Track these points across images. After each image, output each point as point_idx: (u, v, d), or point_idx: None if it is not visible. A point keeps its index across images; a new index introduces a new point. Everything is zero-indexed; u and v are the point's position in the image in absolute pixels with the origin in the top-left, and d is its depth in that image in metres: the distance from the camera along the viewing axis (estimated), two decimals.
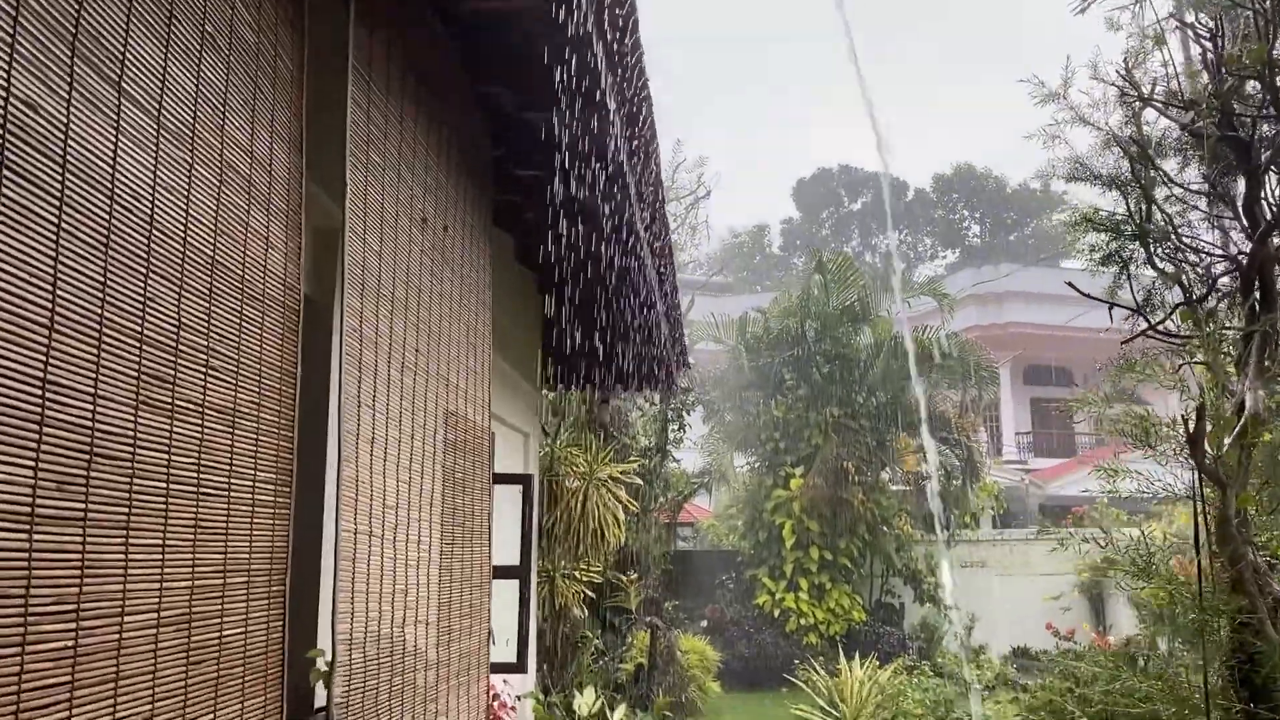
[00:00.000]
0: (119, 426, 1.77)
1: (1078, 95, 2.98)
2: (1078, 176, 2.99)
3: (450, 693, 3.82)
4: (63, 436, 1.61)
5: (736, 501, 17.65)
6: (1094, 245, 3.01)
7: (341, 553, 2.69)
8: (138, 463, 1.83)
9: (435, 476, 3.68)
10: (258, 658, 2.34)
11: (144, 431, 1.84)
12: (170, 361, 1.94)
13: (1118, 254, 2.89)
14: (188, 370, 2.00)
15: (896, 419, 15.78)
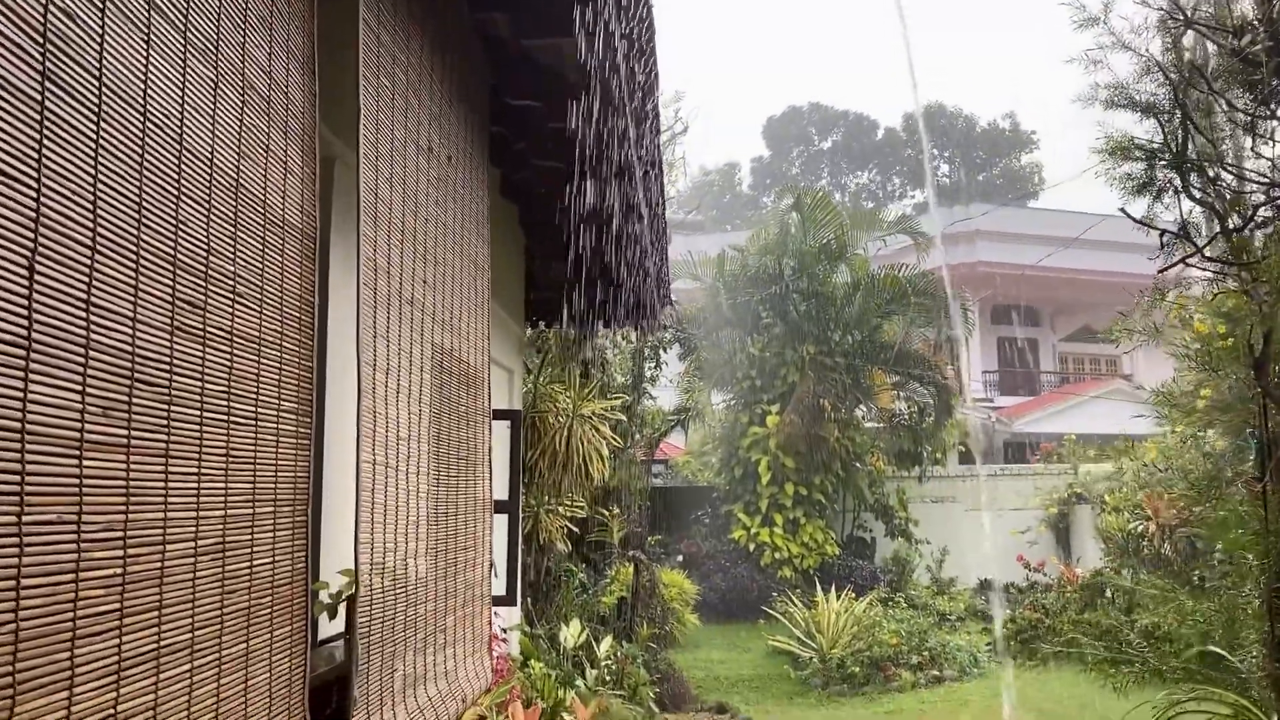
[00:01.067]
0: (156, 352, 1.73)
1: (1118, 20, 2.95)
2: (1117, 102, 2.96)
3: (458, 623, 3.84)
4: (107, 361, 1.57)
5: (712, 438, 17.78)
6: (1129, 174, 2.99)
7: (362, 484, 2.68)
8: (174, 390, 1.79)
9: (441, 409, 3.67)
10: (284, 587, 2.33)
11: (179, 358, 1.81)
12: (201, 287, 1.90)
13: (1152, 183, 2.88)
14: (217, 296, 1.96)
15: (872, 356, 15.90)
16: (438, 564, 3.56)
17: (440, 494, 3.63)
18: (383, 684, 2.89)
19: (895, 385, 16.62)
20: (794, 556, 15.11)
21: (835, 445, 15.54)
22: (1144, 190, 2.96)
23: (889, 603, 13.15)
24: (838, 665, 10.57)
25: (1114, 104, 2.98)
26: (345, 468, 3.19)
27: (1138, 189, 2.94)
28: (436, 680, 3.53)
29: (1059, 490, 16.27)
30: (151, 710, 1.74)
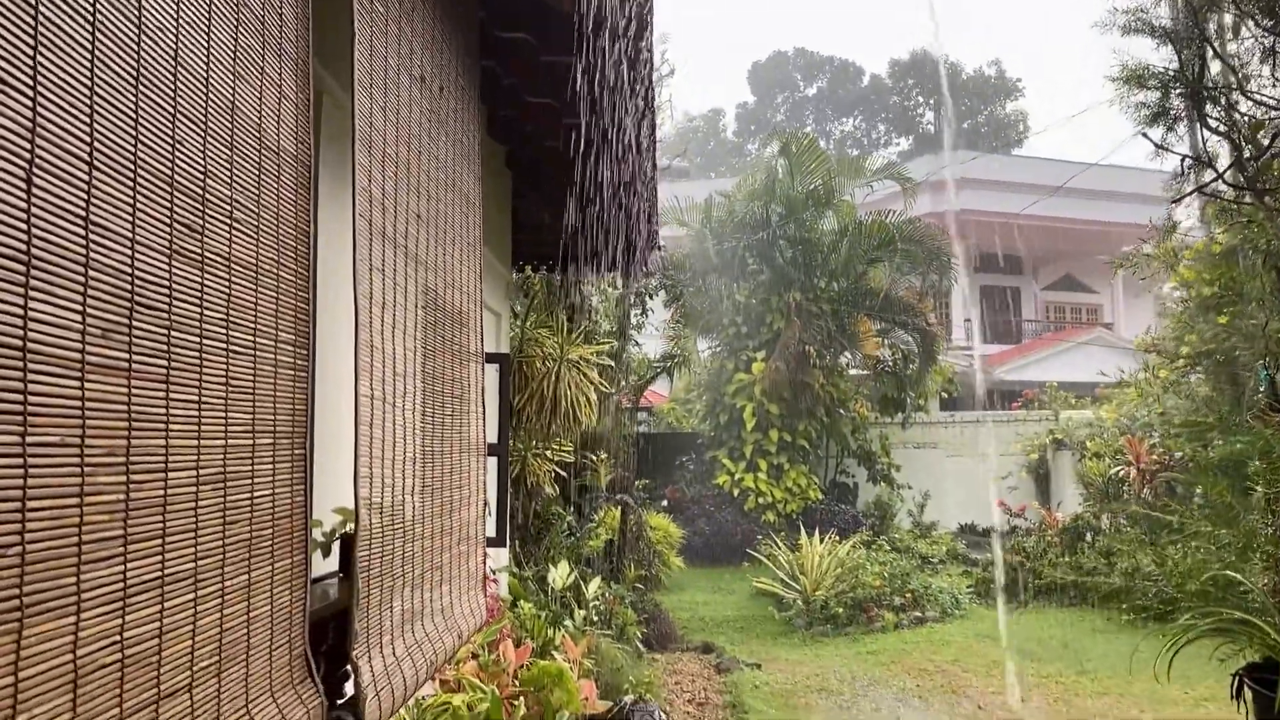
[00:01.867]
0: (155, 275, 1.69)
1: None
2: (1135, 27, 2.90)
3: (453, 561, 3.84)
4: (107, 282, 1.53)
5: (698, 385, 17.81)
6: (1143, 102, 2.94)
7: (361, 417, 2.65)
8: (174, 314, 1.75)
9: (434, 348, 3.63)
10: (284, 520, 2.31)
11: (178, 282, 1.77)
12: (198, 211, 1.85)
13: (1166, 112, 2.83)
14: (214, 221, 1.91)
15: (858, 303, 15.89)
16: (433, 502, 3.55)
17: (434, 432, 3.61)
18: (381, 618, 2.89)
19: (880, 332, 16.64)
20: (778, 501, 15.23)
21: (820, 392, 15.60)
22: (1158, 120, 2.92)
23: (871, 546, 13.30)
24: (821, 606, 10.70)
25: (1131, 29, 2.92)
26: (335, 407, 3.16)
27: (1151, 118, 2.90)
28: (433, 616, 3.54)
29: (1040, 436, 16.43)
30: (156, 638, 1.72)
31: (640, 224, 7.30)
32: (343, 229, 2.81)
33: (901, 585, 11.26)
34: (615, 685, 6.28)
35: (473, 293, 4.27)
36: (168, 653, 1.76)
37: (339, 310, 3.26)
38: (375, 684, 2.72)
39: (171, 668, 1.78)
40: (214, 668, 1.95)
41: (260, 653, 2.18)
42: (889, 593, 11.04)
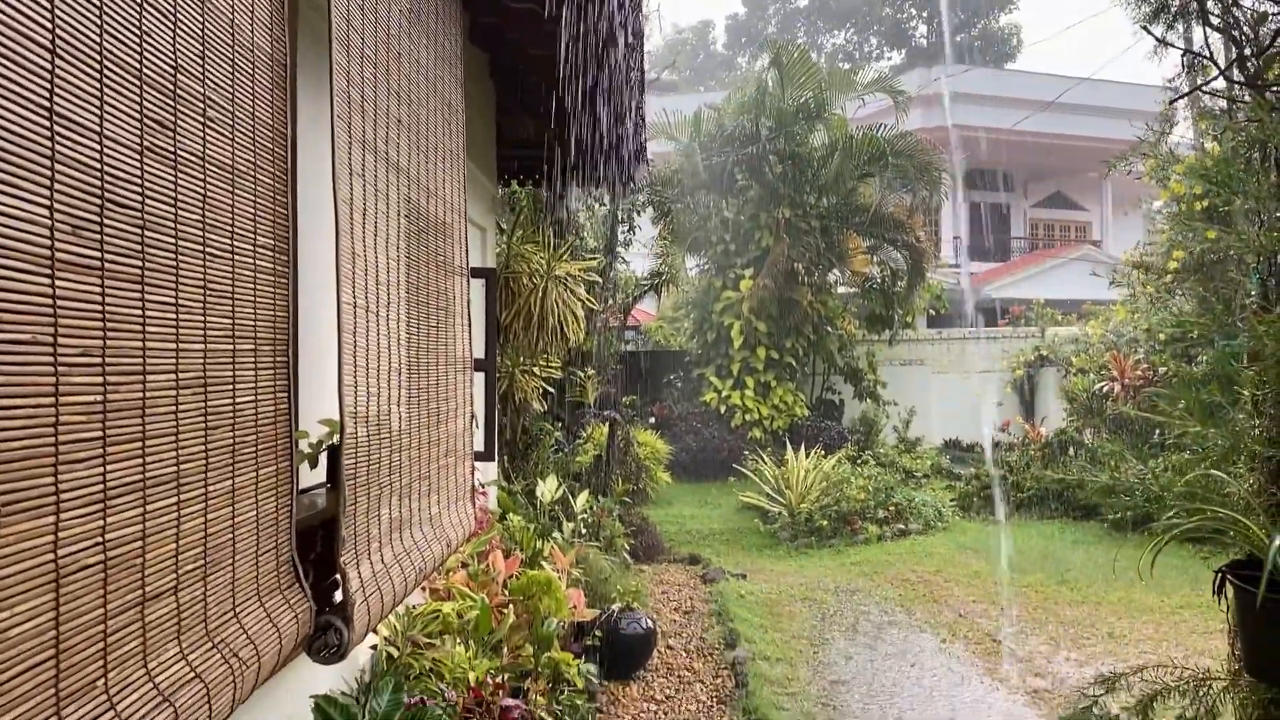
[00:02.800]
0: (126, 172, 1.64)
1: None
2: None
3: (441, 472, 3.86)
4: (74, 177, 1.48)
5: (686, 303, 17.77)
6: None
7: (344, 325, 2.62)
8: (147, 213, 1.71)
9: (417, 258, 3.58)
10: (268, 427, 2.30)
11: (150, 180, 1.72)
12: (170, 106, 1.79)
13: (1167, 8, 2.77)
14: (186, 117, 1.85)
15: (847, 219, 15.78)
16: (419, 413, 3.54)
17: (419, 344, 3.58)
18: (369, 526, 2.90)
19: (869, 249, 16.56)
20: (764, 418, 15.33)
21: (808, 309, 15.59)
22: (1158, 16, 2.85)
23: (857, 461, 13.45)
24: (806, 519, 10.86)
25: None
26: (319, 317, 3.12)
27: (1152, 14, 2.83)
28: (421, 525, 3.56)
29: (1026, 353, 16.51)
30: (140, 540, 1.72)
31: (628, 137, 7.18)
32: (322, 136, 2.74)
33: (885, 499, 11.41)
34: (603, 594, 6.39)
35: (456, 203, 4.20)
36: (151, 556, 1.76)
37: (320, 218, 3.20)
38: (364, 589, 2.74)
39: (156, 571, 1.78)
40: (199, 572, 1.95)
41: (246, 558, 2.19)
42: (873, 506, 11.20)
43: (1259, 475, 2.04)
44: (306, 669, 3.54)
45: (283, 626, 2.30)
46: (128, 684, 1.67)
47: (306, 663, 3.55)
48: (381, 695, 3.74)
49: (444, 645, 4.58)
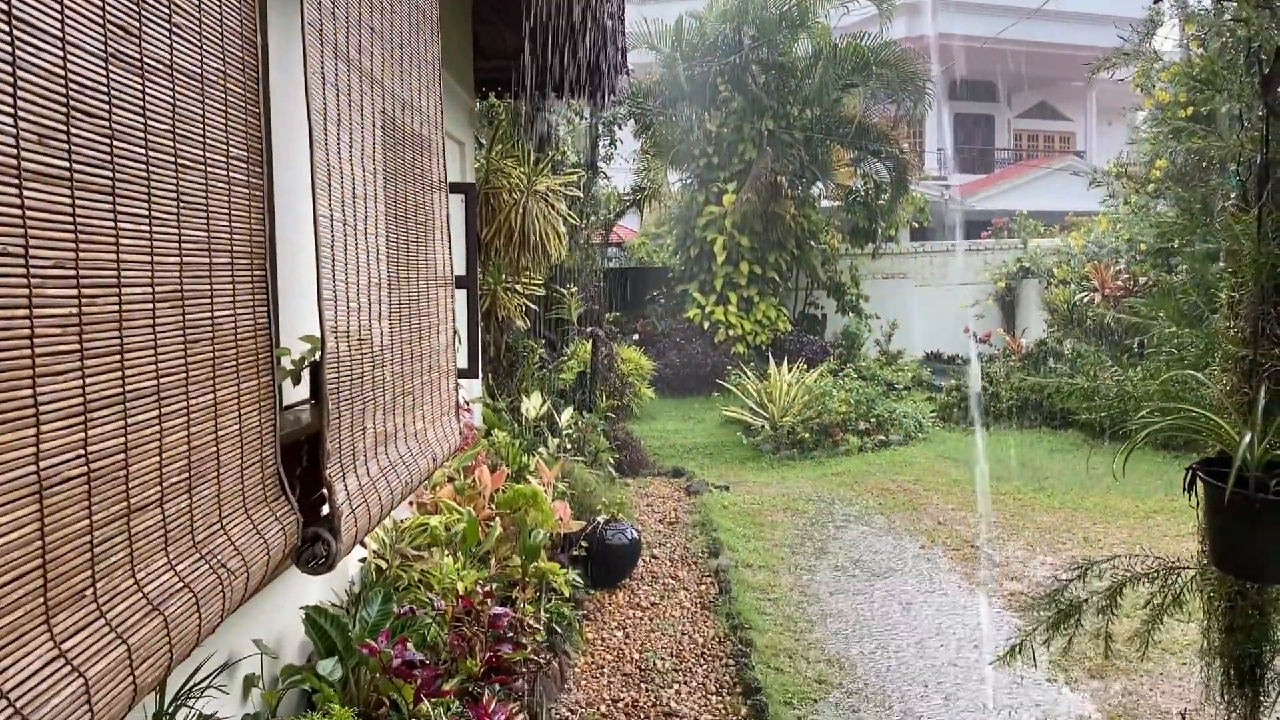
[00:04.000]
0: (92, 80, 1.60)
1: None
2: None
3: (424, 387, 3.87)
4: (37, 83, 1.45)
5: (668, 219, 17.64)
6: None
7: (321, 239, 2.59)
8: (115, 122, 1.67)
9: (395, 170, 3.53)
10: (248, 341, 2.30)
11: (117, 88, 1.68)
12: (134, 12, 1.74)
13: None
14: (152, 23, 1.81)
15: (831, 131, 15.60)
16: (401, 328, 3.54)
17: (399, 258, 3.56)
18: (354, 439, 2.92)
19: (853, 161, 16.42)
20: (747, 333, 15.37)
21: (791, 223, 15.51)
22: None
23: (839, 374, 13.55)
24: (788, 432, 10.98)
25: None
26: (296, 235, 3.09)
27: None
28: (406, 440, 3.58)
29: (1008, 265, 16.53)
30: (123, 453, 1.73)
31: (608, 45, 7.04)
32: (294, 46, 2.68)
33: (867, 411, 11.54)
34: (589, 506, 6.47)
35: (433, 115, 4.13)
36: (135, 468, 1.77)
37: (294, 131, 3.15)
38: (350, 502, 2.77)
39: (140, 483, 1.79)
40: (184, 485, 1.97)
41: (231, 471, 2.20)
42: (854, 418, 11.32)
43: (1232, 375, 2.07)
44: (297, 582, 3.61)
45: (270, 538, 2.33)
46: (117, 593, 1.70)
47: (296, 576, 3.61)
48: (371, 605, 3.81)
49: (432, 557, 4.65)
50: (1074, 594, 2.68)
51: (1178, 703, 4.65)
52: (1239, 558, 1.90)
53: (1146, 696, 4.74)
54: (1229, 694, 2.38)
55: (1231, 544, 1.89)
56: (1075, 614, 2.66)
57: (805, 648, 5.32)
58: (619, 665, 5.07)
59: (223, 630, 2.78)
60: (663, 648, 5.30)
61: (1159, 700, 4.69)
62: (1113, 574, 2.58)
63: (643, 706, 4.57)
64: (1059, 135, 34.26)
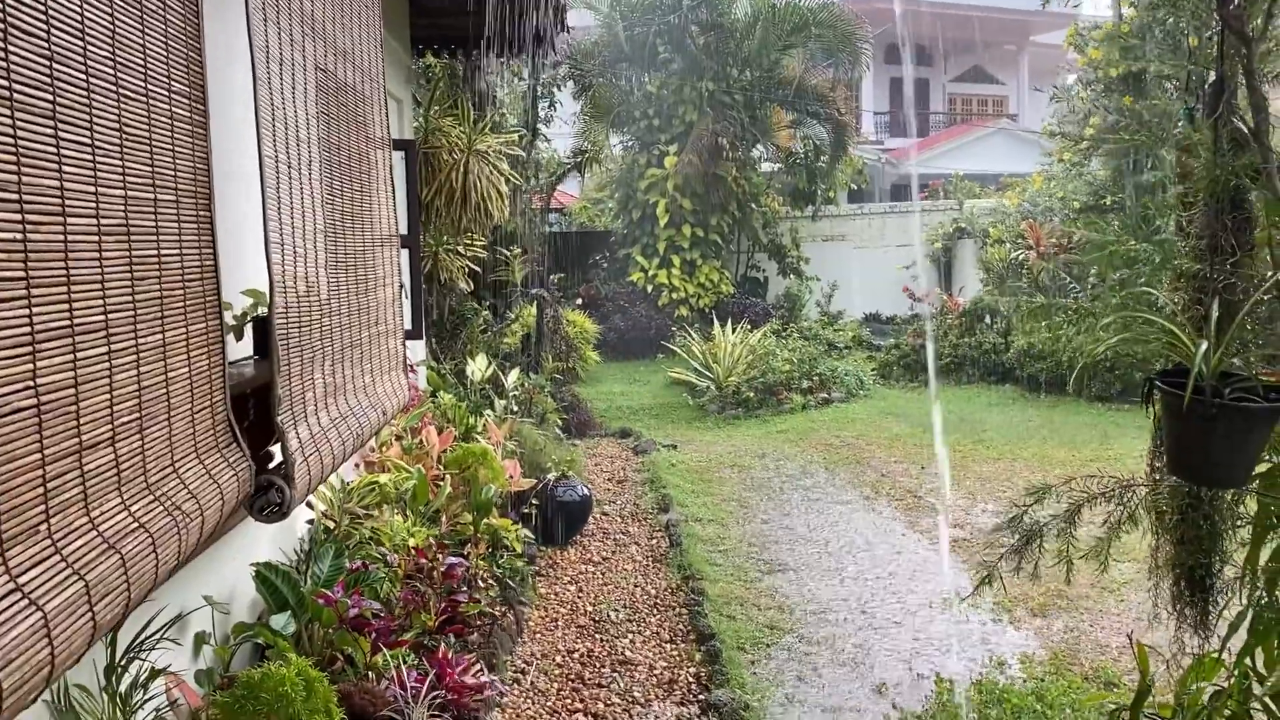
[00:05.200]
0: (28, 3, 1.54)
1: None
2: None
3: (372, 340, 3.82)
4: None
5: (610, 182, 17.56)
6: None
7: (267, 180, 2.54)
8: (54, 44, 1.62)
9: (338, 117, 3.47)
10: (195, 282, 2.25)
11: (55, 7, 1.62)
12: None
13: None
14: None
15: (771, 93, 15.62)
16: (347, 279, 3.48)
17: (343, 209, 3.50)
18: (304, 389, 2.88)
19: (792, 123, 16.48)
20: (690, 296, 15.43)
21: (732, 185, 15.54)
22: None
23: (782, 334, 13.67)
24: (733, 392, 11.07)
25: None
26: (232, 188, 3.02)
27: None
28: (355, 393, 3.54)
29: (945, 226, 16.77)
30: (73, 388, 1.69)
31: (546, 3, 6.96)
32: None
33: (810, 370, 11.67)
34: (538, 465, 6.47)
35: (373, 66, 4.06)
36: (86, 404, 1.73)
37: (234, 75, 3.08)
38: (303, 450, 2.73)
39: (91, 420, 1.75)
40: (135, 425, 1.93)
41: (182, 414, 2.16)
42: (798, 377, 11.45)
43: (1184, 294, 2.14)
44: (246, 538, 3.56)
45: (223, 483, 2.29)
46: (71, 529, 1.66)
47: (246, 532, 3.56)
48: (322, 561, 3.78)
49: (382, 516, 4.62)
50: (1034, 519, 2.77)
51: (1117, 637, 4.82)
52: (1196, 463, 1.97)
53: (1087, 632, 4.90)
54: (1180, 605, 2.48)
55: (1189, 450, 1.96)
56: (1037, 538, 2.75)
57: (756, 595, 5.41)
58: (573, 618, 5.11)
59: (173, 587, 2.75)
60: (616, 600, 5.34)
61: (1099, 635, 4.86)
62: (1070, 496, 2.67)
63: (598, 656, 4.61)
64: (992, 99, 34.75)
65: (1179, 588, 2.45)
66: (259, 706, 2.62)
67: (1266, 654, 2.38)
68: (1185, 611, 2.47)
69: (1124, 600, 5.27)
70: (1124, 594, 5.34)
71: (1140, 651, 2.57)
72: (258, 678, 2.66)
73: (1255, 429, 1.86)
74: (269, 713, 2.65)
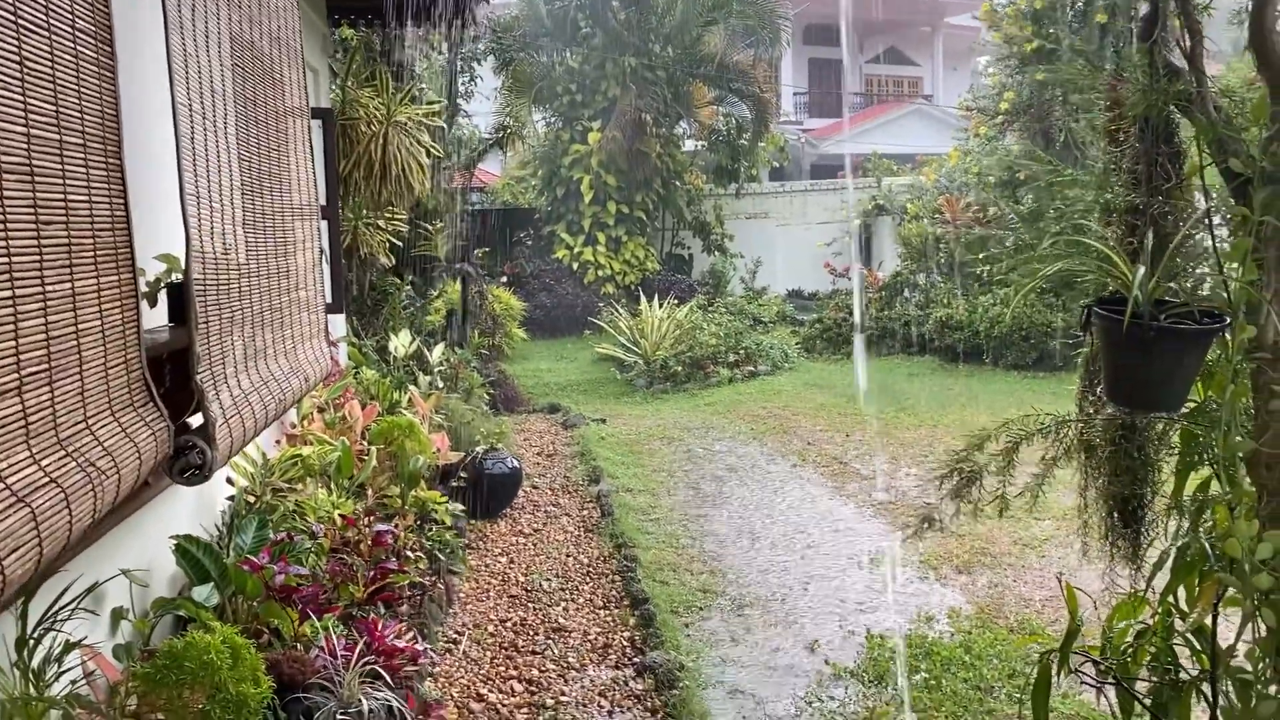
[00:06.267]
0: None
1: None
2: None
3: (292, 305, 3.72)
4: None
5: (533, 159, 17.39)
6: None
7: (180, 130, 2.43)
8: None
9: (256, 73, 3.35)
10: (106, 232, 2.15)
11: None
12: None
13: None
14: None
15: (693, 69, 15.63)
16: (265, 240, 3.37)
17: (260, 167, 3.38)
18: (224, 350, 2.78)
19: (714, 100, 16.51)
20: (616, 273, 15.41)
21: (656, 162, 15.53)
22: None
23: (708, 310, 13.75)
24: (661, 367, 11.09)
25: None
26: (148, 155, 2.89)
27: None
28: (278, 358, 3.44)
29: (864, 203, 17.01)
30: None
31: None
32: None
33: (736, 344, 11.76)
34: (467, 438, 6.39)
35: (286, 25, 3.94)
36: None
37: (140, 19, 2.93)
38: (224, 412, 2.64)
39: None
40: (44, 376, 1.84)
41: (94, 368, 2.07)
42: (724, 351, 11.53)
43: (1117, 227, 2.19)
44: (167, 510, 3.44)
45: (140, 441, 2.20)
46: None
47: (166, 506, 3.44)
48: (245, 533, 3.67)
49: (306, 489, 4.51)
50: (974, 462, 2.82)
51: (1040, 590, 4.95)
52: (1134, 388, 2.02)
53: (1010, 587, 5.03)
54: (1113, 537, 2.55)
55: (1127, 375, 2.01)
56: (977, 479, 2.80)
57: (689, 561, 5.43)
58: (505, 588, 5.06)
59: (88, 559, 2.64)
60: (548, 569, 5.31)
61: (1022, 590, 4.99)
62: (1008, 437, 2.73)
63: (531, 624, 4.58)
64: (908, 80, 35.30)
65: (1111, 519, 2.52)
66: (182, 676, 2.53)
67: (1188, 591, 2.45)
68: (1118, 544, 2.55)
69: (1045, 556, 5.42)
70: (1045, 550, 5.49)
71: (1069, 593, 2.63)
72: (180, 647, 2.57)
73: (1191, 351, 1.92)
74: (193, 682, 2.56)
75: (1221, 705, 2.32)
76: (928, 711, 3.76)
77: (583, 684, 3.99)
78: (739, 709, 3.83)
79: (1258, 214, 1.70)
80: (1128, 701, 2.58)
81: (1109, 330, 1.97)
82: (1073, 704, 3.72)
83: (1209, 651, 2.38)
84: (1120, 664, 2.60)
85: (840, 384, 10.88)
